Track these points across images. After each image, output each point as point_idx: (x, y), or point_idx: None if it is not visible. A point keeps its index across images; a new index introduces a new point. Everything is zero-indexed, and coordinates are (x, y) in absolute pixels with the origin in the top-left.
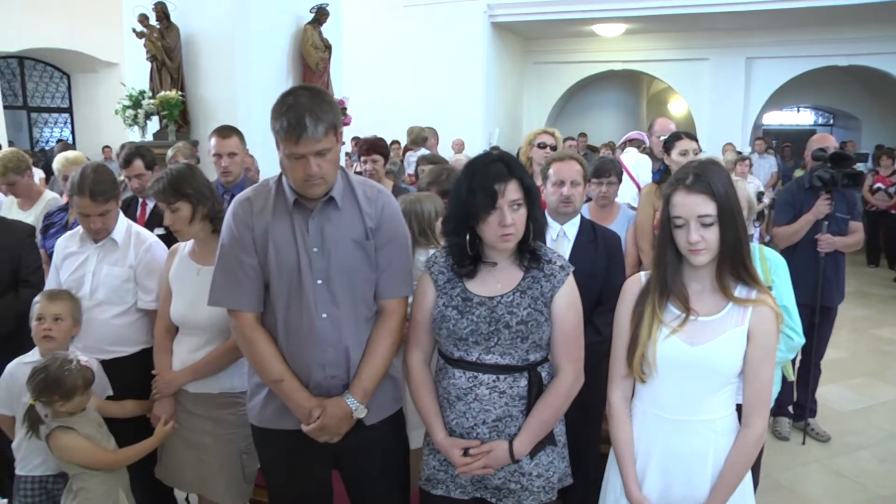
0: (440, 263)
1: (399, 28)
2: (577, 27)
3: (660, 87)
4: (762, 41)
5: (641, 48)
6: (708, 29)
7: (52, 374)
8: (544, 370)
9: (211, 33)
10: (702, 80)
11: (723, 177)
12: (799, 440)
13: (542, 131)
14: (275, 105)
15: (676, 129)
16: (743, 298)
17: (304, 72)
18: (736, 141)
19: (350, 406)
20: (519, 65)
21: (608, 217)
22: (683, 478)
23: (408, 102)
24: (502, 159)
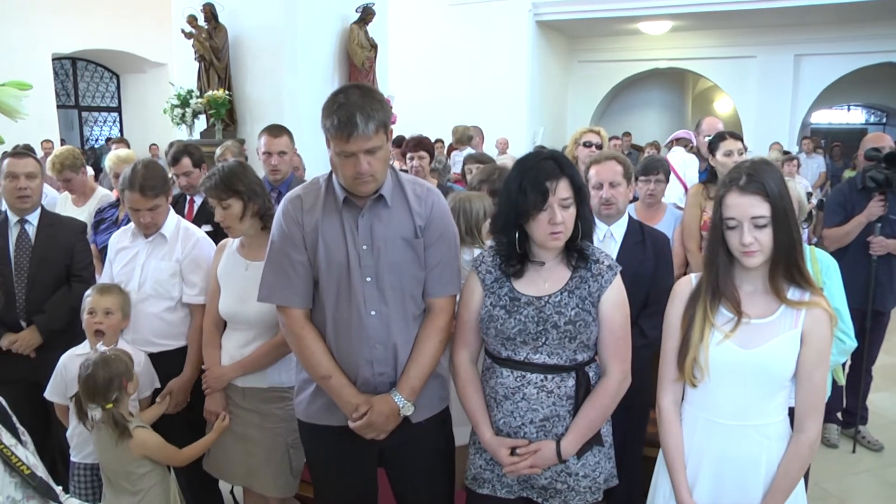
0: (487, 263)
1: (444, 27)
2: (622, 25)
3: (705, 86)
4: (812, 37)
5: (687, 46)
6: (755, 25)
7: (102, 373)
8: (591, 370)
9: (258, 33)
10: (748, 78)
11: (776, 177)
12: (849, 448)
13: (587, 130)
14: (325, 103)
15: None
16: (796, 301)
17: (350, 71)
18: (783, 140)
19: (397, 403)
20: (563, 63)
21: (655, 217)
22: (735, 484)
23: (452, 101)
24: (553, 157)
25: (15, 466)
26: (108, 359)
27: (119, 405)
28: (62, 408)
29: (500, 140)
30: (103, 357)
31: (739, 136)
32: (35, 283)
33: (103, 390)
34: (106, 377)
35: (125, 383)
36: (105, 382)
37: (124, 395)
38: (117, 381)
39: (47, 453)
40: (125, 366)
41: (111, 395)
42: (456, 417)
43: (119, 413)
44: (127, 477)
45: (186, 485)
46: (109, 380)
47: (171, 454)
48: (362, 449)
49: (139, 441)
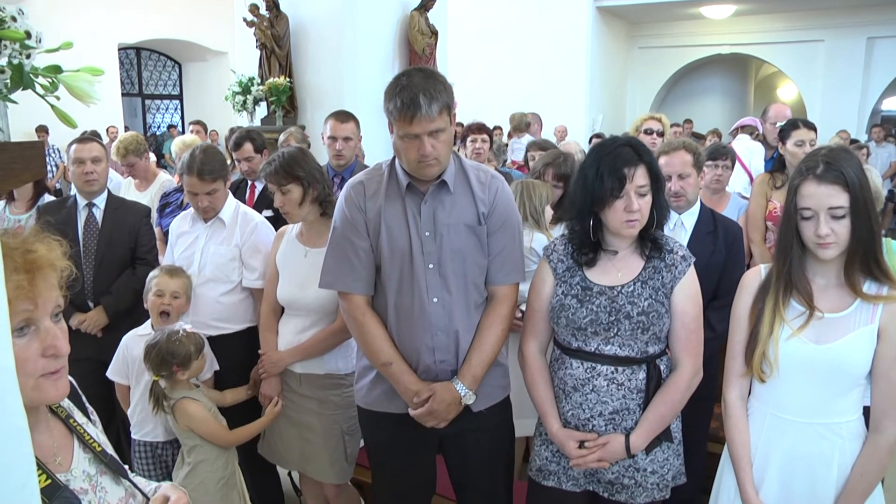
0: (559, 251)
1: (503, 13)
2: (683, 9)
3: (768, 72)
4: (886, 18)
5: (750, 30)
6: (824, 7)
7: (164, 347)
8: (663, 363)
9: (319, 21)
10: (815, 64)
11: (855, 165)
12: None
13: (648, 117)
14: (388, 86)
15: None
16: (873, 295)
17: (411, 57)
18: (851, 128)
19: (459, 392)
20: (623, 50)
21: (718, 206)
22: (805, 484)
23: (511, 88)
24: (630, 144)
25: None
26: (179, 340)
27: (169, 381)
28: (122, 388)
29: (558, 127)
30: (175, 336)
31: (813, 125)
32: (102, 265)
33: (156, 363)
34: (163, 353)
35: (176, 369)
36: (159, 357)
37: (175, 376)
38: (169, 362)
39: (112, 431)
40: (186, 352)
41: (161, 370)
42: (516, 409)
43: (160, 388)
44: (185, 446)
45: (245, 467)
46: (163, 358)
47: (218, 432)
48: (422, 436)
49: (182, 410)
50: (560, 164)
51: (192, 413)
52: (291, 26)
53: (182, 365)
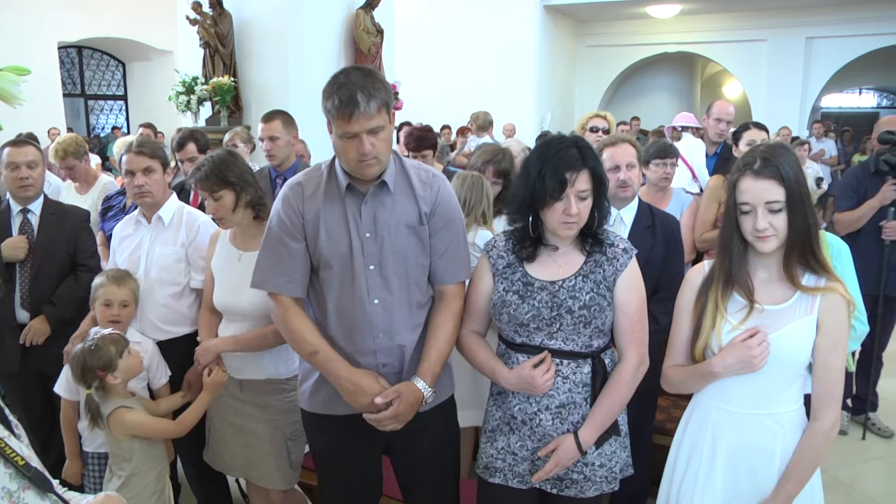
0: (500, 248)
1: (451, 12)
2: (630, 8)
3: (714, 70)
4: (823, 20)
5: (696, 29)
6: (765, 8)
7: (81, 358)
8: (608, 357)
9: (263, 19)
10: (758, 62)
11: (792, 161)
12: (858, 435)
13: (594, 115)
14: (326, 85)
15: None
16: (811, 287)
17: (356, 56)
18: (793, 125)
19: (423, 391)
20: (571, 48)
21: (662, 201)
22: (750, 474)
23: (459, 87)
24: (577, 146)
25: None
26: (94, 345)
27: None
28: (69, 404)
29: (506, 126)
30: (90, 343)
31: (764, 126)
32: (39, 274)
33: (80, 375)
34: (82, 363)
35: (102, 374)
36: (80, 368)
37: (105, 383)
38: (92, 370)
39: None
40: (106, 356)
41: (88, 380)
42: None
43: (92, 399)
44: (115, 459)
45: (194, 474)
46: (84, 368)
47: (162, 427)
48: (368, 438)
49: (117, 421)
50: (499, 161)
51: (128, 421)
52: (235, 24)
53: (106, 369)
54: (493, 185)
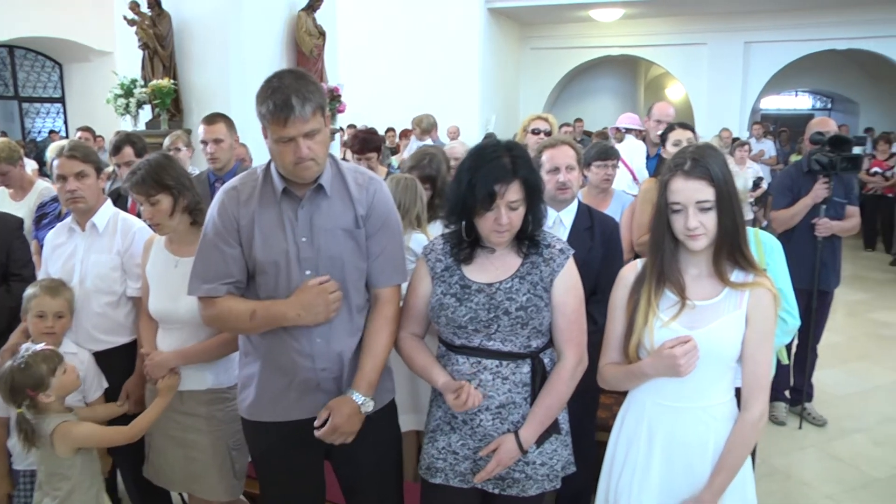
0: (437, 251)
1: (394, 14)
2: (574, 12)
3: (657, 73)
4: (760, 25)
5: (638, 33)
6: (705, 13)
7: (9, 377)
8: (547, 357)
9: (203, 20)
10: (699, 65)
11: (720, 161)
12: (796, 425)
13: (535, 117)
14: (259, 90)
15: (676, 113)
16: (740, 283)
17: (298, 59)
18: (734, 126)
19: (357, 401)
20: (516, 51)
21: (603, 203)
22: (685, 466)
23: (403, 90)
24: (510, 154)
25: None
26: (24, 363)
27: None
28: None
29: (451, 128)
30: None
31: (689, 125)
32: None
33: (9, 396)
34: (10, 383)
35: (33, 393)
36: (8, 388)
37: (37, 402)
38: (21, 390)
39: None
40: (37, 374)
41: (18, 400)
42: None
43: (26, 421)
44: (51, 479)
45: (135, 490)
46: (13, 388)
47: (116, 433)
48: (309, 444)
49: (64, 436)
50: (425, 167)
51: (76, 434)
52: (175, 25)
53: (37, 388)
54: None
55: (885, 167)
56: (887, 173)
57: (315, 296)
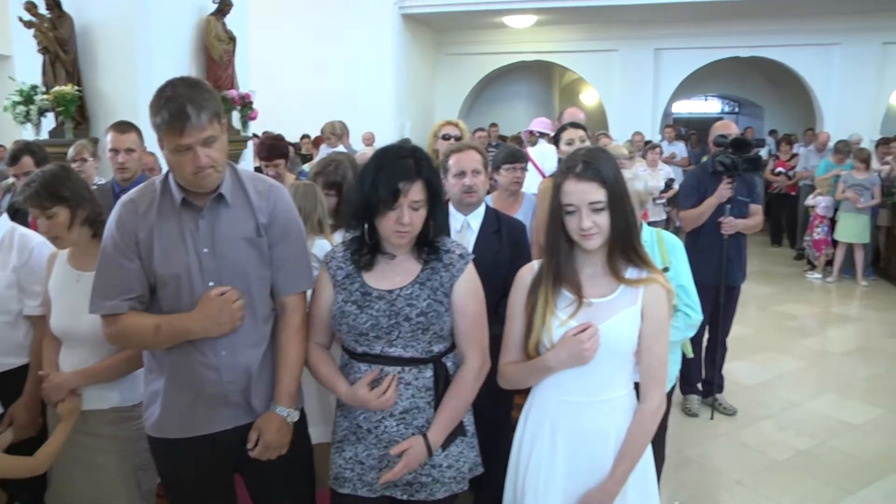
0: (338, 258)
1: (308, 20)
2: (487, 18)
3: (572, 78)
4: (669, 33)
5: (552, 39)
6: (616, 21)
7: None
8: (449, 360)
9: (108, 24)
10: (612, 71)
11: (611, 164)
12: (708, 416)
13: (446, 123)
14: (152, 100)
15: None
16: (634, 279)
17: (208, 65)
18: (646, 129)
19: (282, 415)
20: (430, 56)
21: (514, 206)
22: (588, 458)
23: (318, 95)
24: (414, 156)
25: None
26: None
27: None
28: None
29: (365, 134)
30: None
31: (580, 125)
32: None
33: None
34: None
35: None
36: None
37: None
38: None
39: None
40: None
41: None
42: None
43: None
44: None
45: None
46: None
47: (21, 465)
48: (218, 457)
49: None
50: (330, 173)
51: None
52: (77, 29)
53: None
54: (327, 196)
55: (787, 167)
56: (790, 173)
57: (218, 307)
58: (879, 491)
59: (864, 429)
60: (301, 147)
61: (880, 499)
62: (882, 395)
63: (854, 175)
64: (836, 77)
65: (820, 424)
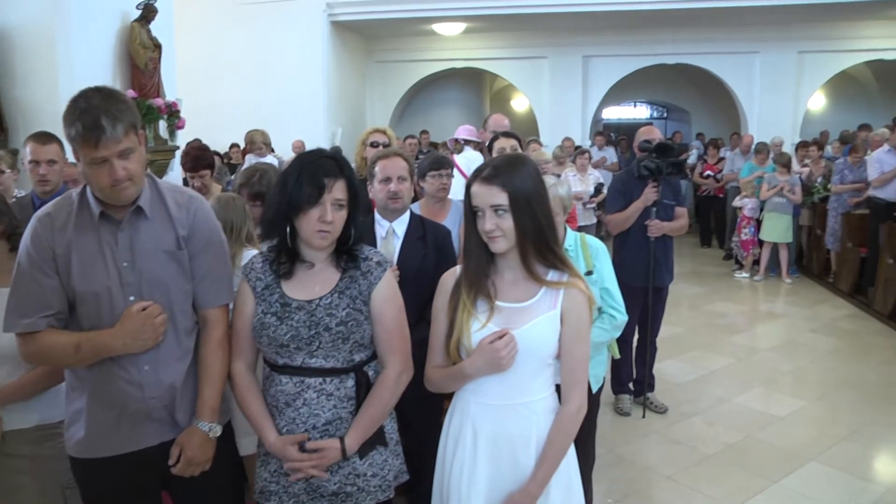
0: (257, 269)
1: (236, 27)
2: (417, 26)
3: (502, 85)
4: (597, 40)
5: (482, 46)
6: (545, 28)
7: None
8: (371, 369)
9: (27, 30)
10: (542, 78)
11: (523, 170)
12: (639, 414)
13: (374, 130)
14: (66, 111)
15: (511, 124)
16: (554, 282)
17: (133, 73)
18: (576, 135)
19: (204, 430)
20: (360, 64)
21: (441, 213)
22: (511, 461)
23: (247, 104)
24: (334, 157)
25: None
26: None
27: None
28: None
29: (296, 142)
30: None
31: (513, 134)
32: None
33: None
34: None
35: None
36: None
37: None
38: None
39: None
40: None
41: None
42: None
43: None
44: None
45: None
46: None
47: None
48: (144, 475)
49: None
50: (254, 184)
51: None
52: None
53: None
54: (253, 207)
55: (715, 170)
56: (718, 176)
57: (140, 322)
58: (800, 478)
59: (787, 420)
60: (231, 156)
61: (801, 485)
62: (805, 388)
63: (777, 177)
64: (757, 83)
65: (747, 418)
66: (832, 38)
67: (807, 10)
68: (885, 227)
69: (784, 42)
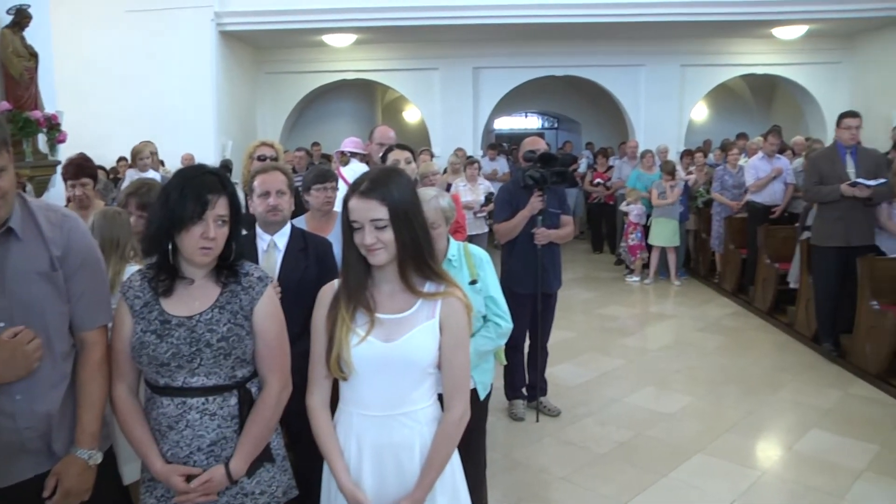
0: (135, 287)
1: (121, 36)
2: (306, 37)
3: (394, 96)
4: (487, 52)
5: (372, 58)
6: (436, 40)
7: None
8: (254, 386)
9: None
10: (433, 89)
11: (401, 183)
12: (534, 418)
13: (261, 143)
14: None
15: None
16: (432, 293)
17: (7, 83)
18: (468, 145)
19: (83, 458)
20: (251, 75)
21: (327, 226)
22: (396, 469)
23: (134, 116)
24: (217, 174)
25: None
26: None
27: None
28: None
29: (185, 155)
30: None
31: (406, 146)
32: None
33: None
34: None
35: None
36: None
37: None
38: None
39: None
40: None
41: None
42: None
43: None
44: None
45: None
46: None
47: None
48: None
49: None
50: (143, 194)
51: None
52: None
53: None
54: (140, 218)
55: (605, 178)
56: (607, 183)
57: (10, 350)
58: (686, 470)
59: (676, 416)
60: (119, 171)
61: (688, 476)
62: (693, 385)
63: (663, 184)
64: (643, 95)
65: (638, 416)
66: (711, 53)
67: (688, 26)
68: (761, 229)
69: (667, 56)
